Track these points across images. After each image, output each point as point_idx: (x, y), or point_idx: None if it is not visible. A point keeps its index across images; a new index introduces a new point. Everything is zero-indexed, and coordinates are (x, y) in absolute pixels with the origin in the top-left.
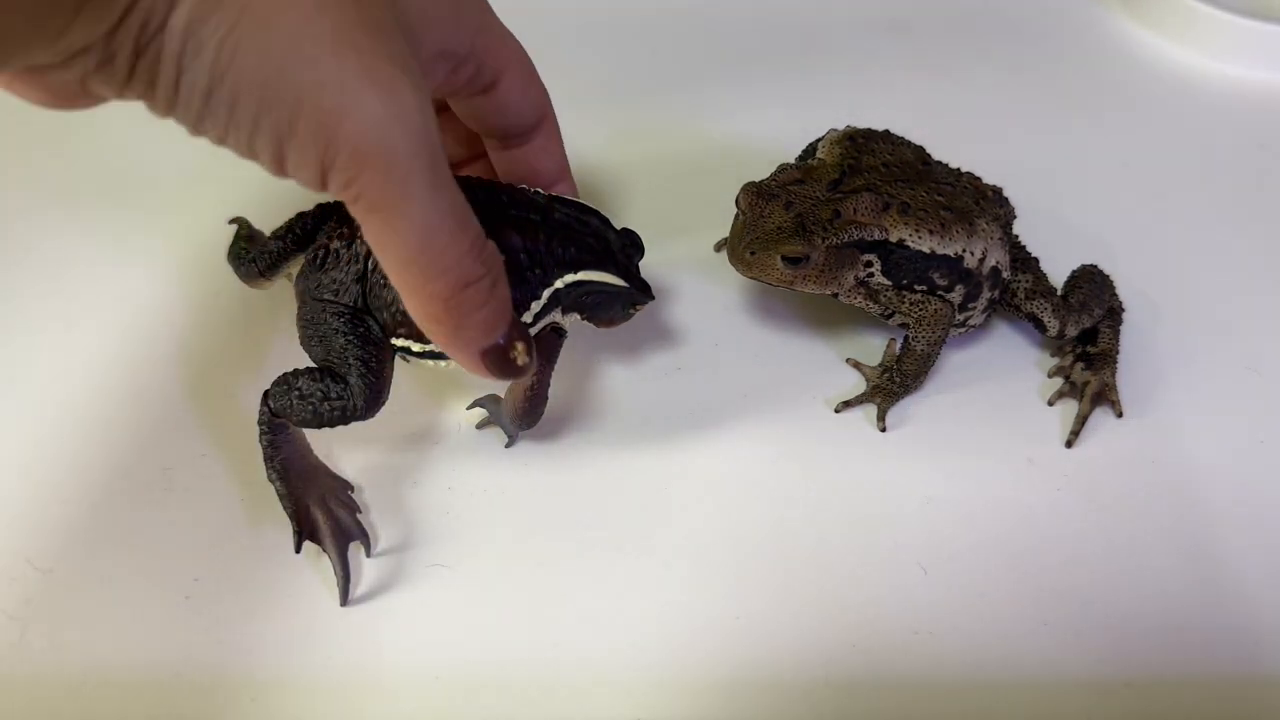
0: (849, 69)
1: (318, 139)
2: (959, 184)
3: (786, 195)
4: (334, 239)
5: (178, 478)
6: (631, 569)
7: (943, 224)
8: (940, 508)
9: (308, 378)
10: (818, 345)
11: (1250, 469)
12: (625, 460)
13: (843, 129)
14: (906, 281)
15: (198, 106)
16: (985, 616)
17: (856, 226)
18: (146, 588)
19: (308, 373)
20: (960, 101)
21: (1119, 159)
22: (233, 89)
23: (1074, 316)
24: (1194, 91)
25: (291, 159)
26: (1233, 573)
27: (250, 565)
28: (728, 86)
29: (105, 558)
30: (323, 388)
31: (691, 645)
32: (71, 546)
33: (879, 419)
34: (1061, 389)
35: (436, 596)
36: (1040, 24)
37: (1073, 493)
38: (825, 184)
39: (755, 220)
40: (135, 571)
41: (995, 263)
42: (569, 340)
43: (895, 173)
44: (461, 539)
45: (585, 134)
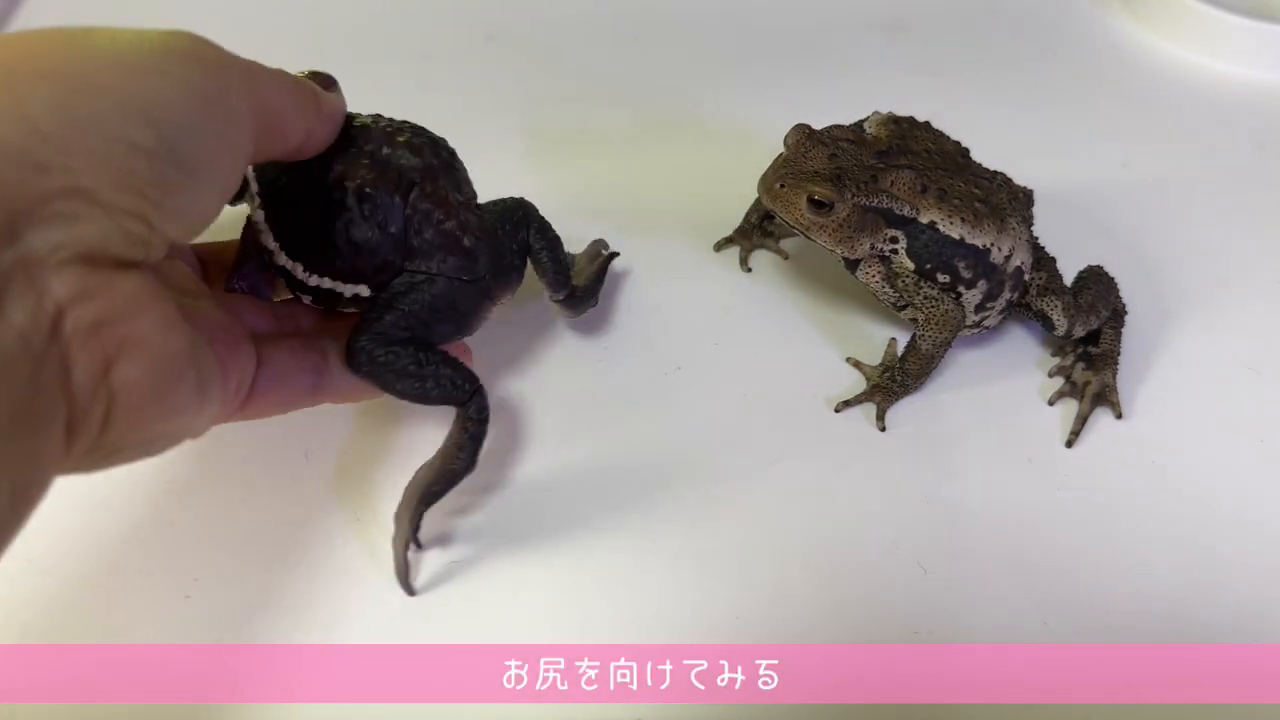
0: (849, 69)
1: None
2: (994, 181)
3: (834, 147)
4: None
5: (178, 477)
6: (631, 569)
7: (976, 215)
8: (940, 508)
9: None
10: (818, 345)
11: (1250, 469)
12: (625, 460)
13: (886, 113)
14: (930, 267)
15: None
16: (985, 616)
17: (889, 197)
18: (146, 587)
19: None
20: (960, 102)
21: (1119, 159)
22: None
23: (1083, 317)
24: (1194, 91)
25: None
26: (1233, 573)
27: (251, 565)
28: (729, 87)
29: (105, 558)
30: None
31: (691, 645)
32: (71, 546)
33: (878, 418)
34: (1062, 389)
35: (438, 596)
36: (1040, 24)
37: (1073, 493)
38: (874, 151)
39: (796, 158)
40: (135, 571)
41: (1020, 263)
42: (568, 339)
43: (937, 160)
44: (462, 539)
45: (586, 134)
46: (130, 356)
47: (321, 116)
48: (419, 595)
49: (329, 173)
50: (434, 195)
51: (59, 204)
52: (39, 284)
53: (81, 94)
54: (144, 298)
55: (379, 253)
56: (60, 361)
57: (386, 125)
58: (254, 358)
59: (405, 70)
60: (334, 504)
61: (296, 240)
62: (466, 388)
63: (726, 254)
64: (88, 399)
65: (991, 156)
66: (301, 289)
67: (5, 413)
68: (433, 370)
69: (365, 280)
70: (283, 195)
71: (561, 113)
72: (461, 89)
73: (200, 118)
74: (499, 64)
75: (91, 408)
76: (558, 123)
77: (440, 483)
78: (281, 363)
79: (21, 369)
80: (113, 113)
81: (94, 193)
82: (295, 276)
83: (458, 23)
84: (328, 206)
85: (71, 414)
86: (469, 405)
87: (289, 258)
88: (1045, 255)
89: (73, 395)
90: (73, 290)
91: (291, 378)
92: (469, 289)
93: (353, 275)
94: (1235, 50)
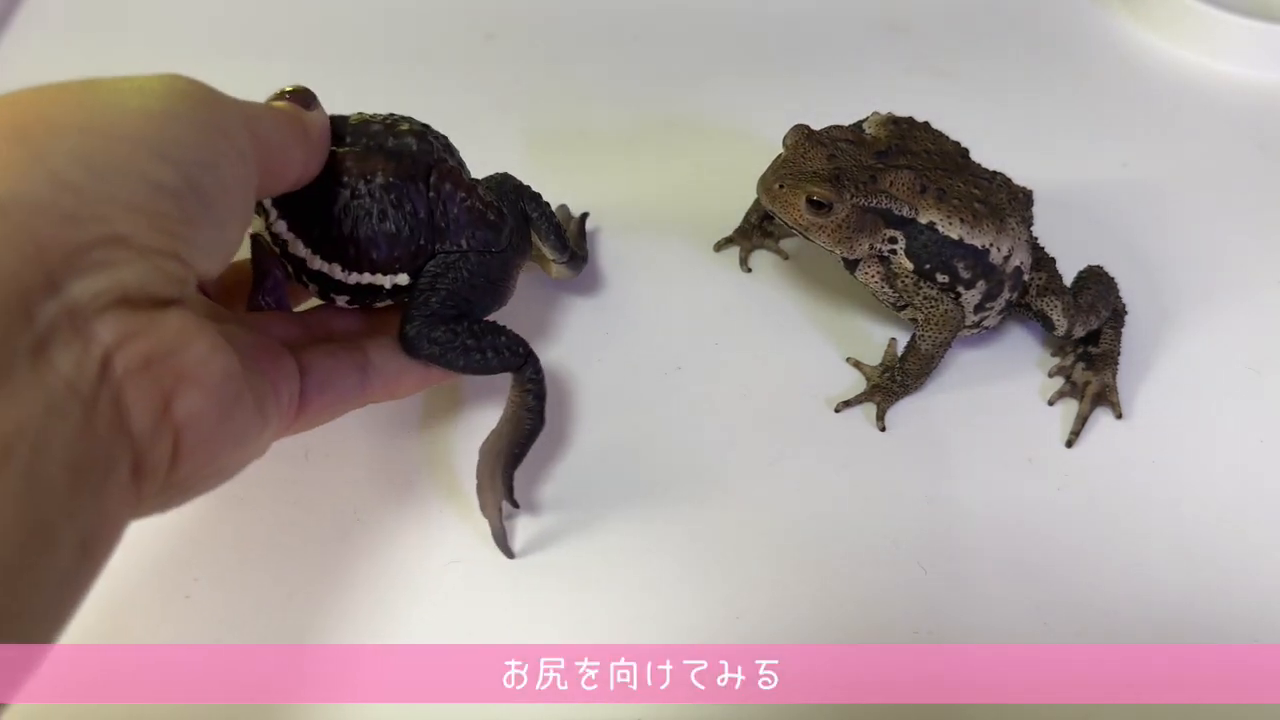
0: (849, 69)
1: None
2: (994, 181)
3: (833, 147)
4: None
5: None
6: (631, 568)
7: (975, 215)
8: (940, 508)
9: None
10: (818, 345)
11: (1250, 469)
12: (624, 460)
13: (885, 113)
14: (929, 268)
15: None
16: (985, 616)
17: (888, 197)
18: (147, 587)
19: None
20: (959, 102)
21: (1119, 159)
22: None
23: (1083, 317)
24: (1194, 91)
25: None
26: (1233, 573)
27: (251, 565)
28: (729, 87)
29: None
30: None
31: (691, 645)
32: None
33: (878, 418)
34: (1062, 389)
35: (438, 596)
36: (1040, 24)
37: (1073, 493)
38: (873, 152)
39: (795, 158)
40: (135, 571)
41: (1019, 263)
42: (567, 339)
43: (936, 161)
44: (462, 539)
45: (586, 134)
46: (188, 388)
47: (311, 144)
48: (419, 595)
49: (344, 172)
50: (451, 175)
51: (96, 252)
52: (84, 331)
53: (101, 143)
54: (188, 329)
55: (414, 238)
56: (115, 405)
57: (382, 118)
58: (296, 368)
59: (405, 70)
60: (334, 504)
61: (328, 242)
62: (521, 351)
63: (726, 254)
64: (150, 438)
65: (991, 156)
66: (339, 290)
67: (63, 465)
68: (490, 340)
69: (404, 268)
70: (301, 203)
71: (561, 113)
72: (461, 89)
73: (215, 153)
74: (499, 64)
75: (155, 446)
76: (558, 123)
77: (519, 444)
78: (325, 367)
79: (73, 418)
80: (134, 157)
81: (129, 237)
82: (333, 278)
83: (458, 23)
84: (354, 204)
85: (136, 456)
86: (525, 368)
87: (324, 260)
88: (1045, 255)
89: (134, 437)
90: (118, 332)
91: (337, 379)
92: (497, 260)
93: (390, 265)
94: (1235, 50)
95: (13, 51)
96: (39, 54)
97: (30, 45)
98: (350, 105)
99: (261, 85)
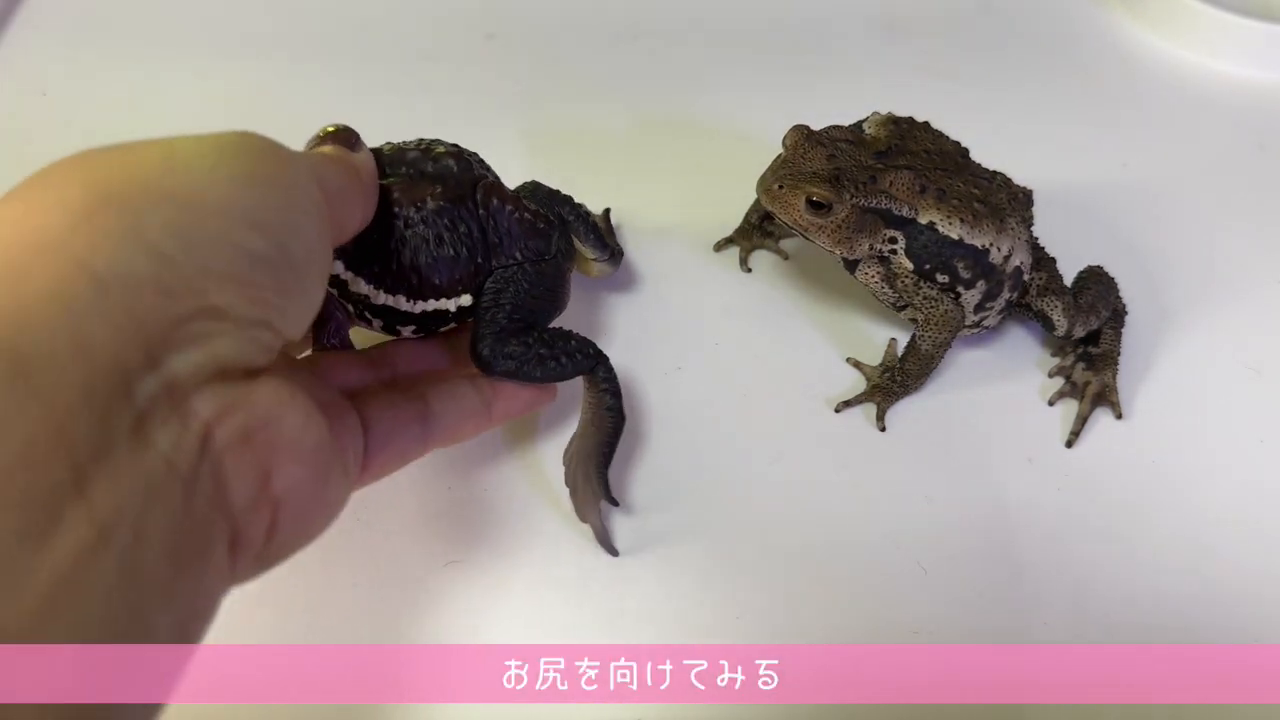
0: (849, 69)
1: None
2: (994, 181)
3: (833, 147)
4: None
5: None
6: (631, 568)
7: (975, 215)
8: (940, 508)
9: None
10: (818, 345)
11: (1250, 469)
12: (624, 460)
13: (885, 113)
14: (929, 268)
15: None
16: (985, 616)
17: (888, 197)
18: None
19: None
20: (959, 102)
21: (1119, 159)
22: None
23: (1083, 317)
24: (1194, 91)
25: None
26: (1233, 573)
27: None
28: (729, 87)
29: None
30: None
31: (691, 645)
32: None
33: (878, 419)
34: (1062, 389)
35: (438, 596)
36: (1040, 24)
37: (1073, 493)
38: (872, 152)
39: (795, 159)
40: None
41: (1019, 263)
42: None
43: (936, 161)
44: (462, 540)
45: (586, 134)
46: (288, 460)
47: (365, 189)
48: (418, 595)
49: (394, 203)
50: (496, 190)
51: (193, 326)
52: (182, 407)
53: (194, 213)
54: (282, 398)
55: (472, 258)
56: (215, 481)
57: (415, 144)
58: (359, 425)
59: (405, 70)
60: None
61: (389, 275)
62: (591, 352)
63: (726, 254)
64: (248, 513)
65: (991, 156)
66: (405, 320)
67: (162, 549)
68: (562, 346)
69: (467, 289)
70: (355, 241)
71: (561, 113)
72: (461, 89)
73: (299, 214)
74: (499, 64)
75: (253, 520)
76: (558, 123)
77: (607, 443)
78: (387, 420)
79: (174, 499)
80: (227, 227)
81: (225, 309)
82: (399, 310)
83: (458, 23)
84: (409, 233)
85: (234, 532)
86: (598, 369)
87: (388, 294)
88: (1045, 255)
89: (233, 513)
90: (216, 407)
91: (399, 433)
92: (550, 266)
93: (454, 288)
94: (1235, 50)
95: (13, 51)
96: (39, 54)
97: (30, 45)
98: (351, 105)
99: (261, 85)
